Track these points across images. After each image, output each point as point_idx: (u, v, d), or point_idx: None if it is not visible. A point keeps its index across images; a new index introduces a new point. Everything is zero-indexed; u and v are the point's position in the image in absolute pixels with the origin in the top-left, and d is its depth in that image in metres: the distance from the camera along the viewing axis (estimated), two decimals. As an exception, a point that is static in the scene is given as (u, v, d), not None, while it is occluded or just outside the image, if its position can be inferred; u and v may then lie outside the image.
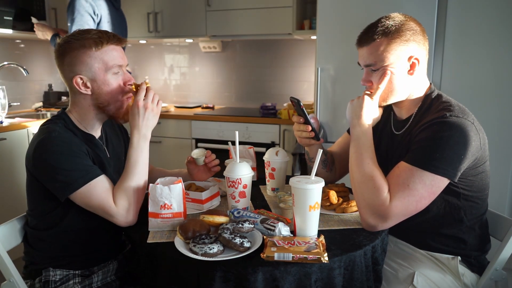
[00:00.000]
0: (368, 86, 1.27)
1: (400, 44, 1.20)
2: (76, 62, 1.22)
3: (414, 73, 1.23)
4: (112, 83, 1.24)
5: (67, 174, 1.14)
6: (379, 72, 1.23)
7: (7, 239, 1.26)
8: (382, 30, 1.20)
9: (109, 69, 1.23)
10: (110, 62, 1.23)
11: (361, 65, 1.29)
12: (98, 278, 1.27)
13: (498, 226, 1.32)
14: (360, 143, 1.21)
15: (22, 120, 2.83)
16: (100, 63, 1.22)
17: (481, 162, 1.20)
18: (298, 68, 3.50)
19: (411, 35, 1.20)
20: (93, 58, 1.22)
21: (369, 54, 1.23)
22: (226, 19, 3.25)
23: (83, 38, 1.22)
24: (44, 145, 1.16)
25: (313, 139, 1.38)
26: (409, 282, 1.19)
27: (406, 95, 1.27)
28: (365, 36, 1.23)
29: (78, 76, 1.22)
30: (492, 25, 2.14)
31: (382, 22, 1.22)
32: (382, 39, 1.20)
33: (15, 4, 2.86)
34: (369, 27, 1.24)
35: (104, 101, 1.25)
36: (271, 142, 3.03)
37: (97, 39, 1.21)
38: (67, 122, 1.26)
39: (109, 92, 1.25)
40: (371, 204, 1.14)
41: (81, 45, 1.21)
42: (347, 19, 2.39)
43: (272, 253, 0.97)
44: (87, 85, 1.23)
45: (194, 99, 3.92)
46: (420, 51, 1.22)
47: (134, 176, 1.21)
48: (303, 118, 1.36)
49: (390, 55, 1.20)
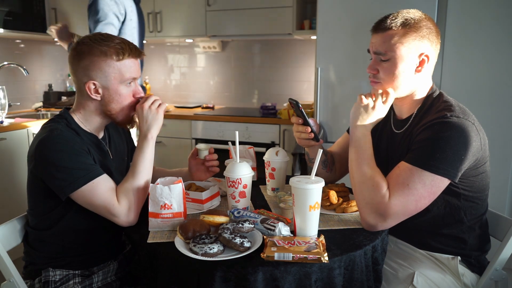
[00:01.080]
0: (372, 75, 1.25)
1: (415, 38, 1.18)
2: (94, 67, 1.22)
3: (422, 71, 1.22)
4: (123, 93, 1.26)
5: (69, 172, 1.15)
6: (387, 63, 1.21)
7: (7, 239, 1.26)
8: (401, 21, 1.19)
9: (124, 80, 1.24)
10: (127, 74, 1.24)
11: (370, 52, 1.26)
12: (98, 278, 1.27)
13: (498, 226, 1.33)
14: (360, 145, 1.22)
15: (22, 120, 2.83)
16: (117, 73, 1.23)
17: (482, 163, 1.20)
18: (298, 68, 3.50)
19: (427, 33, 1.19)
20: (111, 67, 1.22)
21: (382, 41, 1.20)
22: (226, 19, 3.25)
23: (106, 46, 1.21)
24: (45, 143, 1.16)
25: (312, 140, 1.38)
26: (409, 282, 1.19)
27: (408, 92, 1.26)
28: (383, 24, 1.21)
29: (92, 81, 1.22)
30: (492, 25, 2.14)
31: (402, 13, 1.21)
32: (398, 29, 1.18)
33: (15, 4, 2.86)
34: (388, 15, 1.22)
35: (112, 109, 1.27)
36: (271, 142, 3.03)
37: (120, 50, 1.22)
38: (69, 121, 1.26)
39: (118, 102, 1.26)
40: (370, 202, 1.14)
41: (102, 52, 1.21)
42: (347, 19, 2.39)
43: (272, 253, 0.97)
44: (99, 91, 1.24)
45: (194, 99, 3.92)
46: (431, 50, 1.21)
47: (137, 177, 1.22)
48: (302, 119, 1.35)
49: (403, 47, 1.18)
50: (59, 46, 3.61)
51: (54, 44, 3.58)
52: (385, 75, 1.22)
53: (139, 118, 1.26)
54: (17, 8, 2.87)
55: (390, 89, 1.23)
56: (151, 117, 1.25)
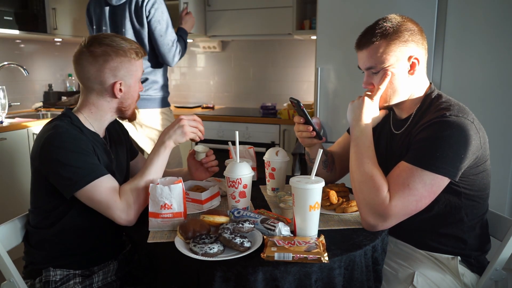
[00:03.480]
0: (370, 89, 1.28)
1: (399, 45, 1.20)
2: (122, 68, 1.28)
3: (415, 73, 1.24)
4: (137, 89, 1.36)
5: (75, 171, 1.15)
6: (380, 74, 1.23)
7: (7, 239, 1.26)
8: (380, 32, 1.21)
9: (139, 77, 1.35)
10: (141, 72, 1.36)
11: (361, 68, 1.29)
12: (98, 278, 1.27)
13: (498, 226, 1.33)
14: (360, 143, 1.22)
15: (22, 120, 2.83)
16: (138, 71, 1.33)
17: (482, 161, 1.20)
18: (298, 68, 3.50)
19: (409, 36, 1.20)
20: (135, 66, 1.31)
21: (369, 57, 1.23)
22: (226, 19, 3.25)
23: (128, 47, 1.28)
24: (52, 141, 1.17)
25: (315, 139, 1.38)
26: (409, 282, 1.19)
27: (407, 95, 1.27)
28: (364, 39, 1.24)
29: (120, 81, 1.28)
30: (492, 25, 2.14)
31: (379, 24, 1.22)
32: (381, 41, 1.21)
33: (15, 4, 2.86)
34: (367, 30, 1.25)
35: (127, 105, 1.34)
36: (271, 142, 3.03)
37: (137, 50, 1.31)
38: (73, 119, 1.27)
39: (132, 97, 1.35)
40: (371, 203, 1.14)
41: (127, 53, 1.28)
42: (347, 19, 2.39)
43: (272, 253, 0.97)
44: (122, 90, 1.29)
45: (194, 99, 3.92)
46: (419, 50, 1.23)
47: (147, 178, 1.23)
48: (303, 119, 1.36)
49: (390, 57, 1.21)
50: (59, 45, 3.62)
51: (54, 44, 3.58)
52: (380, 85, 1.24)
53: (173, 124, 1.29)
54: (17, 8, 2.87)
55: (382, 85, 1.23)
56: (179, 130, 1.28)
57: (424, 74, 1.28)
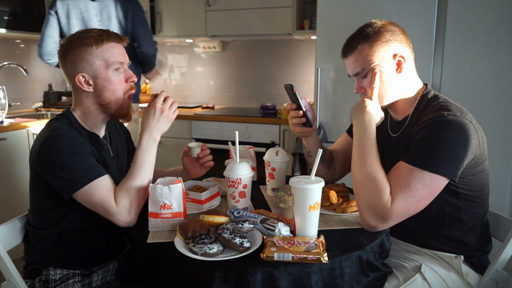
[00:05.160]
0: (363, 93, 1.29)
1: (381, 45, 1.23)
2: (78, 60, 1.23)
3: (403, 71, 1.25)
4: (113, 80, 1.26)
5: (73, 172, 1.15)
6: (369, 75, 1.25)
7: (7, 239, 1.26)
8: (362, 37, 1.24)
9: (109, 65, 1.25)
10: (111, 59, 1.25)
11: (350, 75, 1.31)
12: (98, 277, 1.27)
13: (499, 227, 1.32)
14: (362, 143, 1.21)
15: (22, 120, 2.83)
16: (101, 60, 1.24)
17: (480, 161, 1.20)
18: (298, 68, 3.50)
19: (390, 35, 1.23)
20: (94, 55, 1.23)
21: (355, 61, 1.26)
22: (226, 19, 3.25)
23: (84, 37, 1.24)
24: (50, 143, 1.17)
25: (305, 126, 1.38)
26: (417, 271, 1.21)
27: (399, 94, 1.28)
28: (348, 47, 1.27)
29: (80, 74, 1.24)
30: (492, 25, 2.14)
31: (361, 30, 1.26)
32: (363, 45, 1.24)
33: (15, 4, 2.86)
34: (350, 37, 1.28)
35: (106, 98, 1.26)
36: (271, 142, 3.03)
37: (98, 37, 1.23)
38: (72, 120, 1.27)
39: (111, 89, 1.26)
40: (372, 205, 1.13)
41: (82, 43, 1.23)
42: (347, 19, 2.38)
43: (271, 253, 0.97)
44: (90, 82, 1.25)
45: (194, 99, 3.92)
46: (403, 49, 1.25)
47: (138, 177, 1.22)
48: (295, 104, 1.35)
49: (375, 58, 1.23)
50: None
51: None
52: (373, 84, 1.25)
53: (150, 116, 1.24)
54: (17, 8, 2.87)
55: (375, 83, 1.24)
56: (164, 119, 1.25)
57: (414, 74, 1.30)
